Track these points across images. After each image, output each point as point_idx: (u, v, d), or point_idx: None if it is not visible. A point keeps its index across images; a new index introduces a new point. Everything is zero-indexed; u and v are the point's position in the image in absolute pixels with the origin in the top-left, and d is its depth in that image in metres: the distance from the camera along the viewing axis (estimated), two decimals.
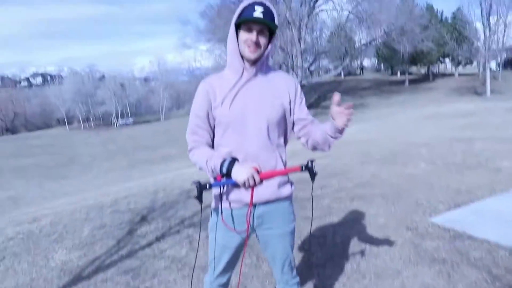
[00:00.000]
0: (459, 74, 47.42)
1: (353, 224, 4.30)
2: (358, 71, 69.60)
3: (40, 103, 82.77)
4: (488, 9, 30.17)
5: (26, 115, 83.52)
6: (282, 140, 2.09)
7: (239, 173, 1.84)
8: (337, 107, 1.85)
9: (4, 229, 5.56)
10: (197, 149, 2.03)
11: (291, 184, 2.12)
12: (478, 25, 33.49)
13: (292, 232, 2.13)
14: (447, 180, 5.81)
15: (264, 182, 1.94)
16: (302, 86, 35.10)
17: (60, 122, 73.57)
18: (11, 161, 32.91)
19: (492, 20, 30.49)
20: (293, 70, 33.52)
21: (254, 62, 1.97)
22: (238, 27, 1.96)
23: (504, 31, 32.50)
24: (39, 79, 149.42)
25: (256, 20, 1.88)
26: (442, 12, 46.82)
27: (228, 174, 1.87)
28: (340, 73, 54.57)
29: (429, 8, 42.59)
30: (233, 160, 1.89)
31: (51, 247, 4.40)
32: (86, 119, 66.06)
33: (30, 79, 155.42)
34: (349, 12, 34.09)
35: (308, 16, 33.91)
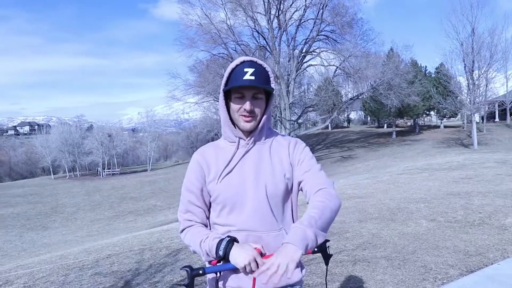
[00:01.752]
0: (445, 126, 48.14)
1: None
2: (345, 124, 70.39)
3: (26, 151, 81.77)
4: (471, 65, 31.03)
5: (10, 164, 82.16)
6: (288, 215, 1.78)
7: (239, 256, 1.53)
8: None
9: None
10: (190, 229, 1.72)
11: (302, 267, 1.78)
12: (461, 79, 34.35)
13: None
14: (453, 240, 5.48)
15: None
16: None
17: (45, 171, 72.35)
18: None
19: (475, 75, 31.33)
20: (281, 123, 33.70)
21: (251, 131, 1.72)
22: (228, 93, 1.70)
23: (486, 85, 33.36)
24: (26, 128, 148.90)
25: (248, 86, 1.63)
26: (425, 67, 48.17)
27: (225, 257, 1.56)
28: (328, 126, 55.07)
29: (414, 63, 43.72)
30: (231, 241, 1.58)
31: None
32: (72, 169, 65.04)
33: (18, 128, 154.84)
34: (336, 67, 34.83)
35: (296, 71, 34.53)
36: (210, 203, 1.77)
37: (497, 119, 50.06)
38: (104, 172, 60.56)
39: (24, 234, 23.31)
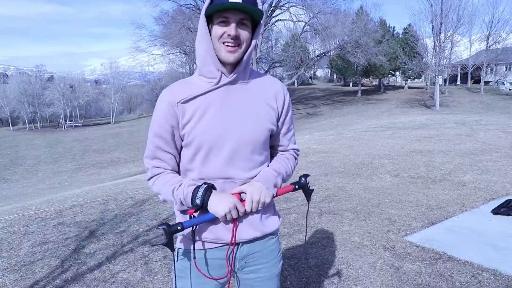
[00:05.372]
0: (409, 87, 49.04)
1: (326, 243, 3.97)
2: (311, 81, 70.56)
3: None
4: (439, 27, 31.32)
5: None
6: (266, 163, 1.66)
7: (218, 205, 1.44)
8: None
9: None
10: (159, 176, 1.58)
11: (278, 216, 1.71)
12: (428, 42, 34.74)
13: (279, 273, 1.73)
14: (416, 194, 5.65)
15: (249, 214, 1.55)
16: None
17: (3, 123, 69.85)
18: None
19: (442, 37, 31.71)
20: None
21: (234, 65, 1.52)
22: (210, 18, 1.49)
23: (451, 48, 33.91)
24: None
25: (234, 7, 1.40)
26: (394, 28, 48.28)
27: (203, 207, 1.45)
28: (294, 82, 55.06)
29: (382, 23, 43.72)
30: (209, 188, 1.46)
31: None
32: (32, 120, 63.03)
33: None
34: (305, 23, 34.42)
35: (265, 25, 33.93)
36: (181, 148, 1.60)
37: (458, 82, 51.38)
38: (66, 124, 59.09)
39: None
